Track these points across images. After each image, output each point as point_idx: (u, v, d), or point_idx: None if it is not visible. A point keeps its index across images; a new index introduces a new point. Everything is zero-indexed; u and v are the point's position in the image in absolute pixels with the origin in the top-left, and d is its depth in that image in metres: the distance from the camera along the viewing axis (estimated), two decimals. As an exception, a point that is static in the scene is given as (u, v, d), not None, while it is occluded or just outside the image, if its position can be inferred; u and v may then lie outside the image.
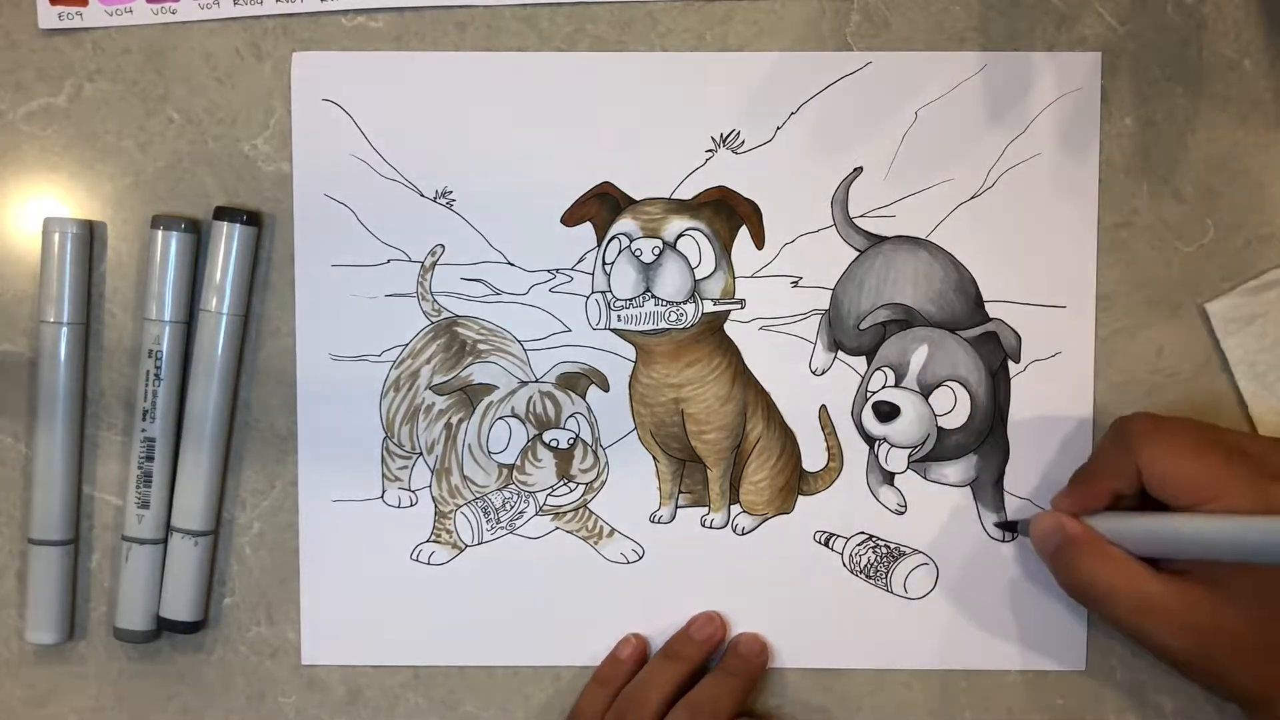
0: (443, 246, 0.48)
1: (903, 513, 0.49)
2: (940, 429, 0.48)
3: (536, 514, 0.49)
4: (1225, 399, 0.48)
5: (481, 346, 0.49)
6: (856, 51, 0.48)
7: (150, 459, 0.47)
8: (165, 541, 0.48)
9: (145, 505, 0.48)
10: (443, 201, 0.48)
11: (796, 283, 0.48)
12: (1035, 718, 0.49)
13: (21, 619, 0.49)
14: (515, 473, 0.49)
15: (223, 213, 0.47)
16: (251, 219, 0.47)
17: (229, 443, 0.49)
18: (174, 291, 0.47)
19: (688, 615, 0.49)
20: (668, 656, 0.48)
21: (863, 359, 0.49)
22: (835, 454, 0.49)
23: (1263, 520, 0.39)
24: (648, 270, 0.48)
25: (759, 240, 0.48)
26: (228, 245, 0.47)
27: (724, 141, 0.48)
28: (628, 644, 0.48)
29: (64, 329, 0.47)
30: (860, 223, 0.48)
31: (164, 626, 0.48)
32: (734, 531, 0.49)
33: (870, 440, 0.49)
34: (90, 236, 0.48)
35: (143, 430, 0.47)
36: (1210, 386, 0.48)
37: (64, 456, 0.48)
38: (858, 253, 0.48)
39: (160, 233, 0.47)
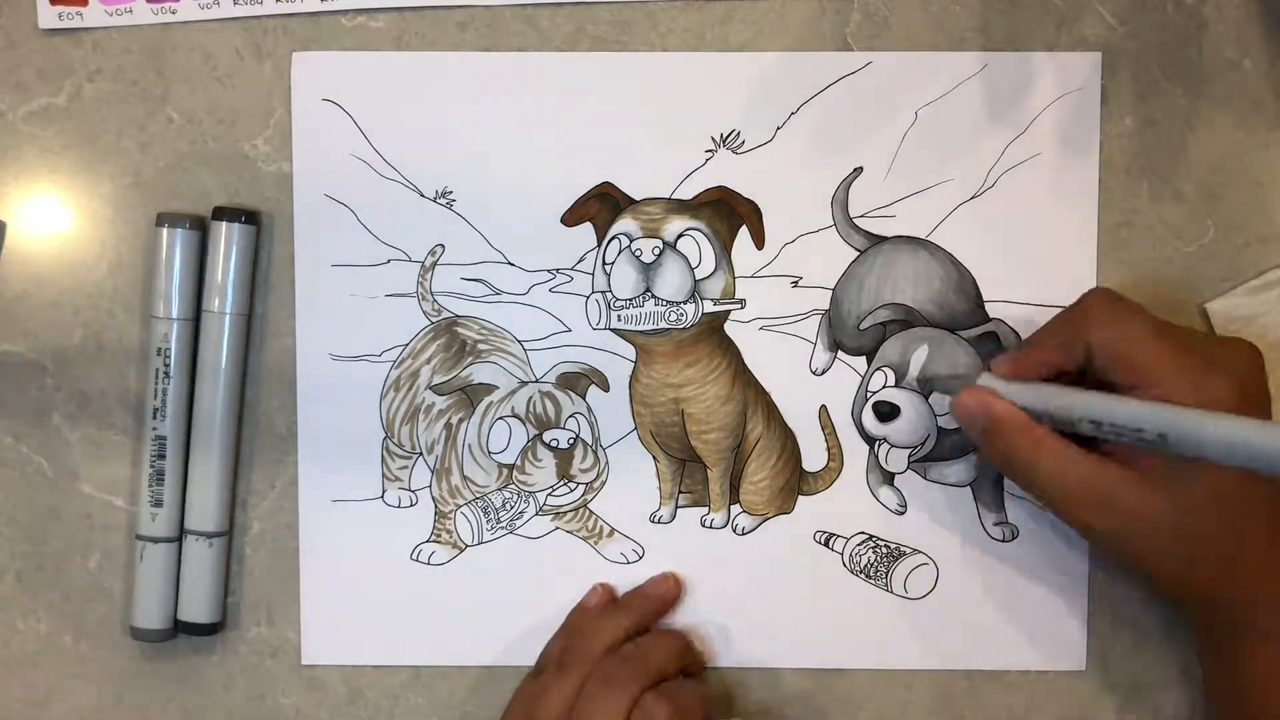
0: (443, 246, 0.48)
1: (903, 513, 0.49)
2: (940, 429, 0.48)
3: (536, 514, 0.49)
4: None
5: (481, 346, 0.49)
6: (856, 51, 0.48)
7: (162, 457, 0.47)
8: (179, 540, 0.48)
9: (159, 504, 0.48)
10: (443, 201, 0.48)
11: (796, 283, 0.48)
12: (1035, 718, 0.49)
13: (23, 618, 0.49)
14: (515, 473, 0.49)
15: (221, 213, 0.47)
16: (250, 218, 0.47)
17: (239, 443, 0.49)
18: (180, 289, 0.47)
19: (688, 615, 0.49)
20: (619, 608, 0.48)
21: (863, 359, 0.49)
22: (835, 454, 0.49)
23: (1178, 413, 0.38)
24: (648, 270, 0.48)
25: (759, 240, 0.48)
26: (227, 245, 0.47)
27: (724, 141, 0.48)
28: (594, 593, 0.48)
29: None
30: (860, 223, 0.48)
31: (182, 629, 0.48)
32: (734, 531, 0.49)
33: (870, 440, 0.49)
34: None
35: (154, 429, 0.47)
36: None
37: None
38: (858, 253, 0.48)
39: (165, 230, 0.47)
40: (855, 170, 0.48)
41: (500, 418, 0.49)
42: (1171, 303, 0.48)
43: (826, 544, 0.49)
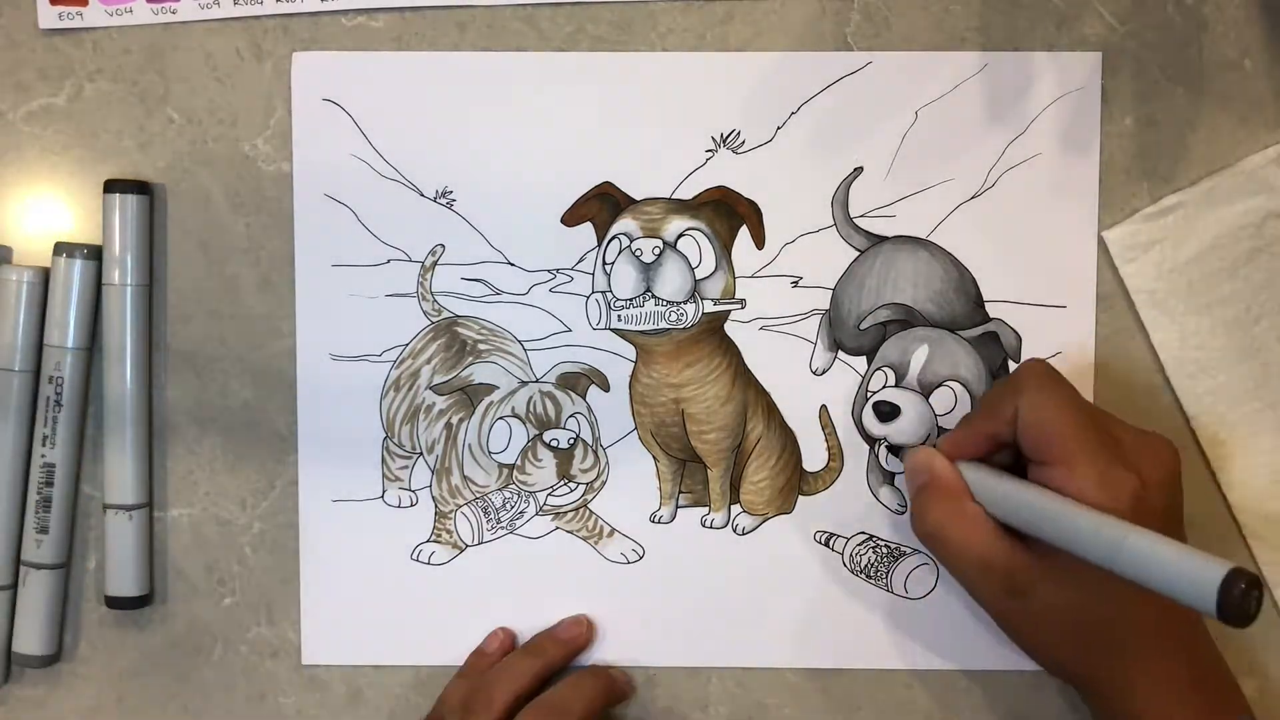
0: (443, 246, 0.48)
1: (903, 513, 0.49)
2: (941, 429, 0.48)
3: (536, 514, 0.49)
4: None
5: (482, 346, 0.49)
6: (856, 51, 0.48)
7: (50, 484, 0.48)
8: (66, 567, 0.49)
9: (44, 530, 0.48)
10: (443, 201, 0.48)
11: (797, 283, 0.48)
12: (1035, 718, 0.49)
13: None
14: (515, 473, 0.49)
15: (114, 185, 0.47)
16: (142, 189, 0.47)
17: (150, 414, 0.48)
18: (76, 318, 0.48)
19: (688, 615, 0.49)
20: (527, 652, 0.47)
21: (863, 359, 0.49)
22: (835, 454, 0.49)
23: (1102, 521, 0.38)
24: (648, 270, 0.48)
25: (759, 240, 0.48)
26: (122, 216, 0.47)
27: (724, 141, 0.48)
28: (494, 638, 0.48)
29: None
30: (860, 223, 0.48)
31: (111, 605, 0.48)
32: (734, 531, 0.49)
33: (871, 440, 0.49)
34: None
35: (43, 456, 0.48)
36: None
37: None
38: (858, 253, 0.48)
39: (63, 259, 0.47)
40: (855, 170, 0.48)
41: (500, 418, 0.49)
42: (1171, 303, 0.48)
43: (826, 544, 0.49)
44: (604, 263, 0.48)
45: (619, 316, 0.48)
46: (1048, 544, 0.41)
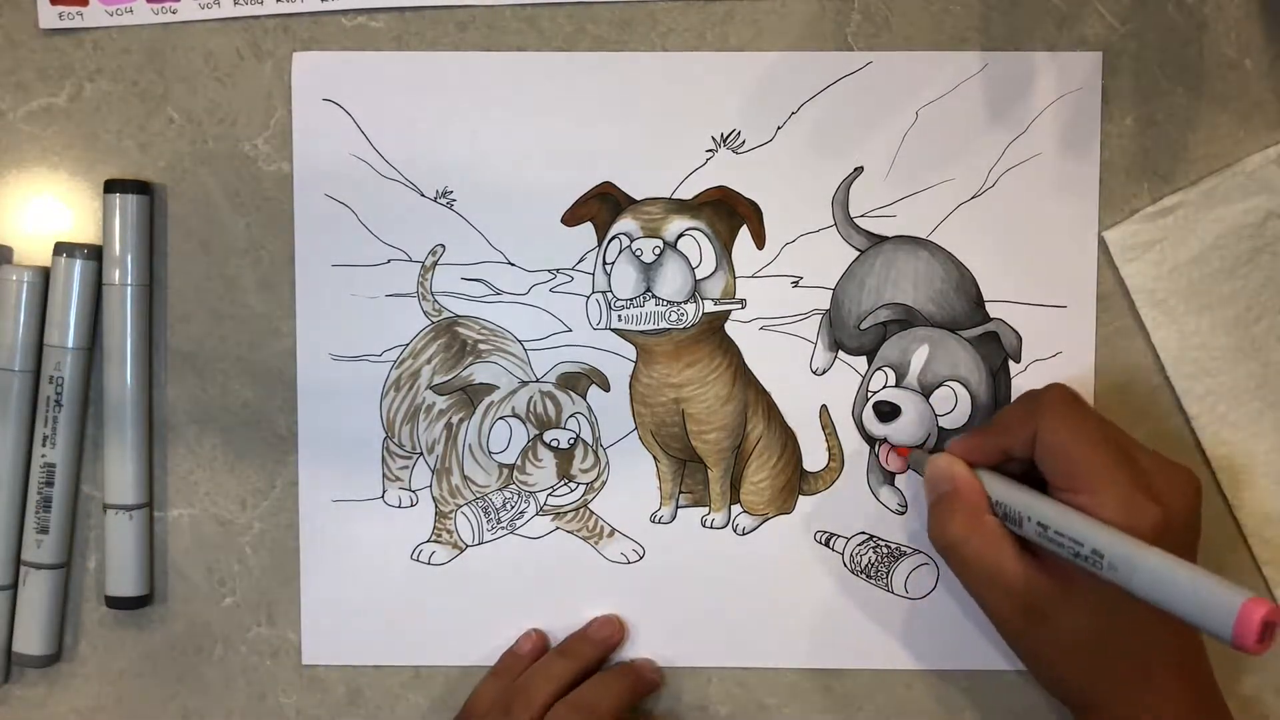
0: (443, 246, 0.48)
1: (903, 513, 0.49)
2: (941, 429, 0.48)
3: (537, 514, 0.49)
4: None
5: (482, 346, 0.49)
6: (856, 51, 0.48)
7: (50, 484, 0.48)
8: (67, 566, 0.48)
9: (44, 530, 0.48)
10: (443, 201, 0.48)
11: (797, 283, 0.48)
12: (1035, 718, 0.49)
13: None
14: (516, 473, 0.49)
15: (114, 185, 0.47)
16: (142, 189, 0.47)
17: (150, 413, 0.48)
18: (77, 317, 0.48)
19: (688, 615, 0.49)
20: (561, 653, 0.47)
21: (863, 359, 0.49)
22: (836, 454, 0.49)
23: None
24: (648, 270, 0.48)
25: (759, 240, 0.48)
26: (123, 217, 0.47)
27: (724, 141, 0.48)
28: (528, 639, 0.48)
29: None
30: (861, 222, 0.48)
31: (111, 605, 0.48)
32: (734, 531, 0.49)
33: (871, 440, 0.49)
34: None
35: (43, 456, 0.48)
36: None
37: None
38: (858, 252, 0.48)
39: (63, 259, 0.47)
40: (855, 170, 0.48)
41: (501, 418, 0.49)
42: (1171, 303, 0.48)
43: (827, 544, 0.49)
44: (604, 263, 0.48)
45: (619, 316, 0.48)
46: (1064, 567, 0.40)
